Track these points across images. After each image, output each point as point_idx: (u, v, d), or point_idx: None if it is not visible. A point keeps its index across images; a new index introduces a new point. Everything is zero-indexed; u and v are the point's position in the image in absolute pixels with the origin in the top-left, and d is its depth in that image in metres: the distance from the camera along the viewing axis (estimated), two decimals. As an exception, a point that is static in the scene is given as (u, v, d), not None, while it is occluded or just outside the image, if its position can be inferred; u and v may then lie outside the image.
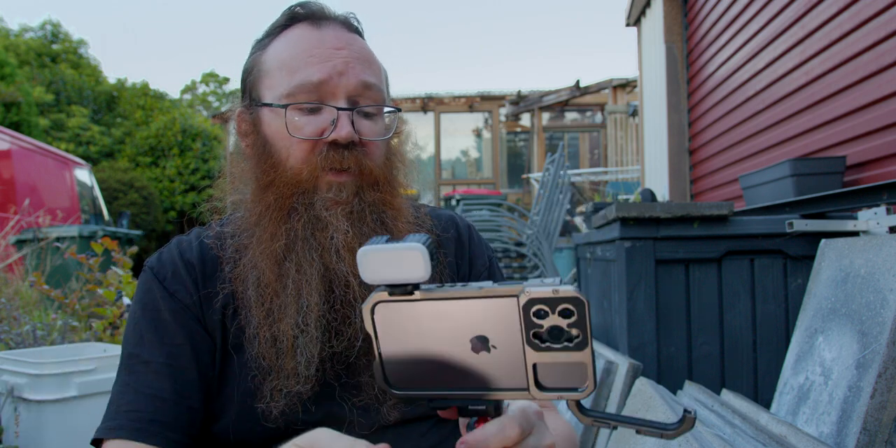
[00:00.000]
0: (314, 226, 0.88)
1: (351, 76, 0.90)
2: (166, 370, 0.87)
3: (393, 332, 0.55)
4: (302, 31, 0.93)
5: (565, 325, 0.51)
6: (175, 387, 0.86)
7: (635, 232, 2.30)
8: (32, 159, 8.10)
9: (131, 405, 0.85)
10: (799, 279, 2.29)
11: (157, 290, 0.91)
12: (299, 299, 0.86)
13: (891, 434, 1.45)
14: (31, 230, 5.89)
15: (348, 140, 0.88)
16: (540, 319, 0.51)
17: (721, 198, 4.54)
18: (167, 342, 0.88)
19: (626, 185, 8.55)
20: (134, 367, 0.88)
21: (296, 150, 0.90)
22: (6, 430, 2.00)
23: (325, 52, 0.90)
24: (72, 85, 16.66)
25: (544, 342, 0.52)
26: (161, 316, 0.90)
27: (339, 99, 0.89)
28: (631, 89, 10.89)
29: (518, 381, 0.53)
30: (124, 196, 13.15)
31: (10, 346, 2.63)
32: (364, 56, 0.93)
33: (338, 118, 0.88)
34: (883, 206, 2.10)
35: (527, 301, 0.51)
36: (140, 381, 0.86)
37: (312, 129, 0.89)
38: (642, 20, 6.39)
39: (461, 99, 13.48)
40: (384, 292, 0.54)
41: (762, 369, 2.28)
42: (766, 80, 3.78)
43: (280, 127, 0.90)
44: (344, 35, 0.93)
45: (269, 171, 0.90)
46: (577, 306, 0.50)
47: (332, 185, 0.89)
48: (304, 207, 0.89)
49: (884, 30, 2.65)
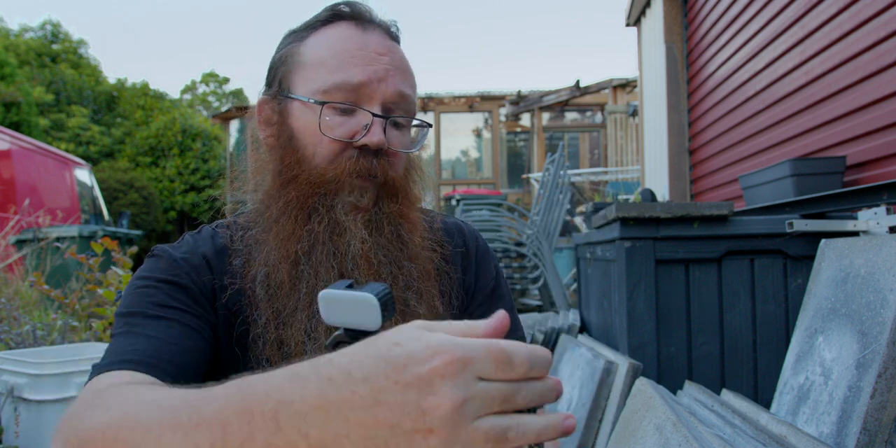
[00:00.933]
0: (333, 230, 0.87)
1: (390, 84, 0.89)
2: (174, 324, 0.80)
3: None
4: (346, 30, 0.91)
5: None
6: (184, 337, 0.80)
7: (635, 232, 2.30)
8: (32, 159, 8.10)
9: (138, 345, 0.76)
10: (799, 279, 2.29)
11: (167, 267, 0.86)
12: (311, 304, 0.84)
13: (891, 434, 1.45)
14: (31, 230, 5.89)
15: (379, 147, 0.87)
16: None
17: (721, 198, 4.54)
18: (173, 306, 0.82)
19: (626, 185, 8.55)
20: (137, 321, 0.80)
21: (323, 149, 0.88)
22: (6, 430, 2.00)
23: (369, 56, 0.89)
24: (72, 85, 16.66)
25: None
26: (168, 287, 0.84)
27: (374, 104, 0.88)
28: (631, 89, 10.89)
29: None
30: (124, 196, 13.15)
31: (10, 346, 2.63)
32: (404, 66, 0.93)
33: (371, 123, 0.87)
34: (883, 206, 2.10)
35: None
36: (149, 329, 0.79)
37: (344, 130, 0.88)
38: (642, 20, 6.39)
39: (461, 99, 13.48)
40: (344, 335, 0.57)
41: (762, 369, 2.28)
42: (766, 80, 3.78)
43: (310, 123, 0.88)
44: (387, 42, 0.92)
45: (294, 167, 0.88)
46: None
47: (355, 189, 0.88)
48: (325, 209, 0.87)
49: (884, 30, 2.65)
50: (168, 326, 0.80)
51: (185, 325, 0.82)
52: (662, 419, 1.60)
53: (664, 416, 1.60)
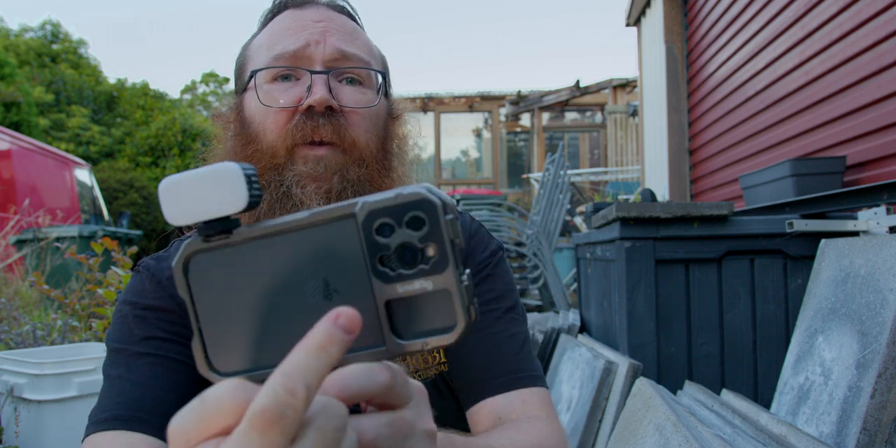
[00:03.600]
0: (282, 204, 0.80)
1: (328, 43, 0.84)
2: (161, 361, 0.79)
3: (214, 296, 0.41)
4: (286, 13, 0.89)
5: (417, 241, 0.38)
6: (172, 377, 0.78)
7: (635, 232, 2.30)
8: (32, 159, 8.10)
9: (124, 395, 0.77)
10: (799, 279, 2.29)
11: (152, 290, 0.85)
12: None
13: (891, 434, 1.45)
14: (31, 230, 5.89)
15: (324, 105, 0.80)
16: (386, 238, 0.38)
17: (721, 198, 4.54)
18: (160, 337, 0.81)
19: (626, 185, 8.55)
20: (123, 360, 0.80)
21: (271, 123, 0.83)
22: (6, 430, 2.00)
23: (303, 24, 0.85)
24: (72, 85, 16.66)
25: (395, 269, 0.38)
26: (154, 314, 0.83)
27: (315, 66, 0.83)
28: (631, 89, 10.90)
29: (371, 333, 0.39)
30: (124, 196, 13.15)
31: (10, 346, 2.63)
32: (345, 29, 0.88)
33: (312, 83, 0.81)
34: (883, 206, 2.10)
35: (366, 215, 0.38)
36: (133, 371, 0.78)
37: (288, 97, 0.82)
38: (642, 20, 6.39)
39: (461, 99, 13.48)
40: (198, 241, 0.41)
41: (762, 369, 2.28)
42: (766, 80, 3.78)
43: (256, 101, 0.84)
44: (327, 12, 0.88)
45: (245, 147, 0.84)
46: (427, 211, 0.38)
47: (310, 159, 0.81)
48: (274, 184, 0.81)
49: (884, 30, 2.65)
50: (156, 366, 0.79)
51: (174, 360, 0.80)
52: (662, 419, 1.60)
53: (664, 416, 1.60)
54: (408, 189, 0.38)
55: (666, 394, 1.86)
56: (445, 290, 0.38)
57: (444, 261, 0.38)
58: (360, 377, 0.38)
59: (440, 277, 0.38)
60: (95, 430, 0.75)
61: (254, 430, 0.32)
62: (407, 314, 0.39)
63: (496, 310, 0.91)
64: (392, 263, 0.38)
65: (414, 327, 0.39)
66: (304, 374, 0.33)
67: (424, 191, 0.38)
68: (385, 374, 0.39)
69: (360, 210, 0.38)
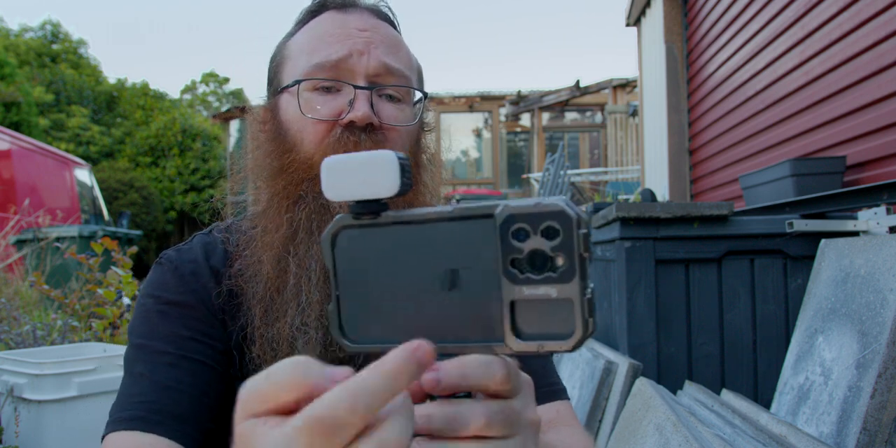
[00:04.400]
0: (321, 216, 0.81)
1: (373, 56, 0.83)
2: (182, 362, 0.80)
3: (354, 270, 0.45)
4: (328, 16, 0.88)
5: (549, 249, 0.40)
6: (192, 380, 0.79)
7: (635, 232, 2.30)
8: (32, 159, 8.10)
9: (144, 396, 0.78)
10: (799, 279, 2.29)
11: (175, 284, 0.85)
12: (299, 296, 0.79)
13: (891, 434, 1.45)
14: (31, 230, 5.89)
15: (365, 121, 0.81)
16: (520, 242, 0.41)
17: (721, 198, 4.54)
18: (183, 335, 0.82)
19: (626, 185, 8.55)
20: (146, 357, 0.80)
21: (310, 133, 0.83)
22: (6, 430, 2.00)
23: (347, 32, 0.84)
24: (72, 85, 16.66)
25: (524, 273, 0.41)
26: (176, 310, 0.83)
27: (358, 79, 0.83)
28: (631, 89, 10.90)
29: (492, 328, 0.42)
30: (124, 196, 13.15)
31: (10, 346, 2.63)
32: (389, 40, 0.87)
33: (355, 98, 0.82)
34: (883, 206, 2.10)
35: (505, 218, 0.41)
36: (154, 371, 0.79)
37: (328, 110, 0.82)
38: (642, 20, 6.39)
39: (461, 99, 13.49)
40: (349, 217, 0.45)
41: (762, 369, 2.28)
42: (766, 80, 3.78)
43: (295, 109, 0.84)
44: (371, 20, 0.87)
45: (282, 156, 0.84)
46: (562, 223, 0.40)
47: None
48: (312, 195, 0.82)
49: (884, 30, 2.65)
50: (177, 367, 0.79)
51: (191, 360, 0.81)
52: (662, 419, 1.60)
53: (664, 417, 1.60)
54: (547, 199, 0.40)
55: (666, 394, 1.86)
56: (569, 299, 0.40)
57: (571, 271, 0.40)
58: (480, 368, 0.41)
59: (566, 287, 0.40)
60: (115, 428, 0.76)
61: (304, 434, 0.33)
62: (528, 316, 0.41)
63: None
64: (522, 266, 0.41)
65: (533, 329, 0.41)
66: (370, 396, 0.34)
67: (563, 204, 0.40)
68: (502, 368, 0.42)
69: (500, 212, 0.41)
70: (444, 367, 0.41)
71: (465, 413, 0.41)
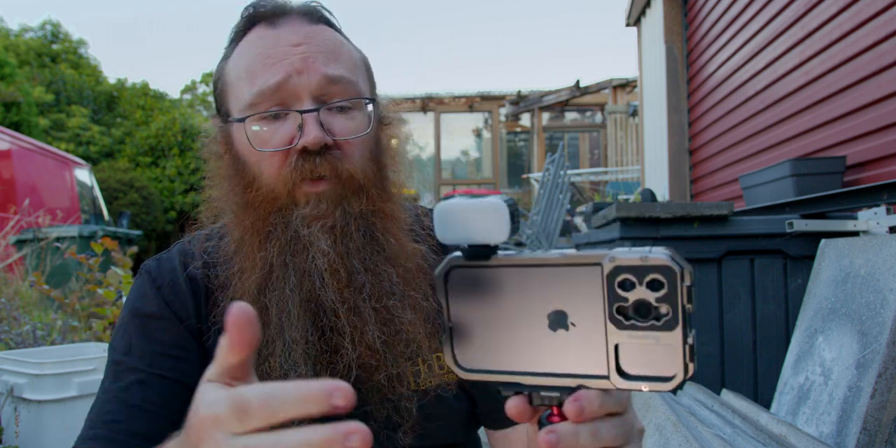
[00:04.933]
0: (293, 248, 0.80)
1: (312, 73, 0.80)
2: (153, 380, 0.81)
3: (465, 304, 0.50)
4: (258, 33, 0.83)
5: (653, 300, 0.44)
6: (161, 399, 0.80)
7: (635, 232, 2.30)
8: (32, 159, 8.10)
9: (112, 414, 0.79)
10: (799, 279, 2.29)
11: (153, 296, 0.85)
12: (283, 334, 0.78)
13: (891, 434, 1.45)
14: (31, 230, 5.89)
15: (319, 144, 0.78)
16: (625, 292, 0.44)
17: (721, 198, 4.54)
18: (157, 351, 0.82)
19: (626, 185, 8.56)
20: (119, 374, 0.82)
21: (266, 165, 0.81)
22: (6, 430, 2.00)
23: (281, 52, 0.80)
24: (72, 85, 16.67)
25: (629, 319, 0.45)
26: (152, 323, 0.83)
27: (303, 100, 0.80)
28: (631, 89, 10.90)
29: (598, 365, 0.46)
30: (124, 196, 13.15)
31: (10, 346, 2.63)
32: (327, 48, 0.82)
33: (303, 122, 0.79)
34: (883, 206, 2.10)
35: (612, 269, 0.44)
36: (124, 389, 0.80)
37: (279, 139, 0.80)
38: (642, 20, 6.39)
39: (461, 99, 13.49)
40: (459, 257, 0.49)
41: (762, 369, 2.28)
42: (766, 80, 3.78)
43: (246, 143, 0.81)
44: (302, 28, 0.83)
45: (244, 192, 0.82)
46: (667, 277, 0.43)
47: (310, 198, 0.80)
48: (281, 228, 0.80)
49: (884, 30, 2.65)
50: (148, 386, 0.80)
51: (163, 378, 0.81)
52: (662, 419, 1.60)
53: (664, 416, 1.60)
54: (654, 253, 0.43)
55: (666, 394, 1.86)
56: (671, 345, 0.44)
57: (675, 321, 0.43)
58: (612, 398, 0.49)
59: (669, 335, 0.44)
60: (83, 445, 0.78)
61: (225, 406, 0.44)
62: (632, 358, 0.45)
63: None
64: (627, 313, 0.45)
65: (636, 370, 0.46)
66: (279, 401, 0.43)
67: (668, 259, 0.43)
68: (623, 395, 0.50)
69: (607, 262, 0.44)
70: (585, 397, 0.47)
71: (602, 429, 0.48)
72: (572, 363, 0.47)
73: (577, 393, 0.47)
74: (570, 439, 0.47)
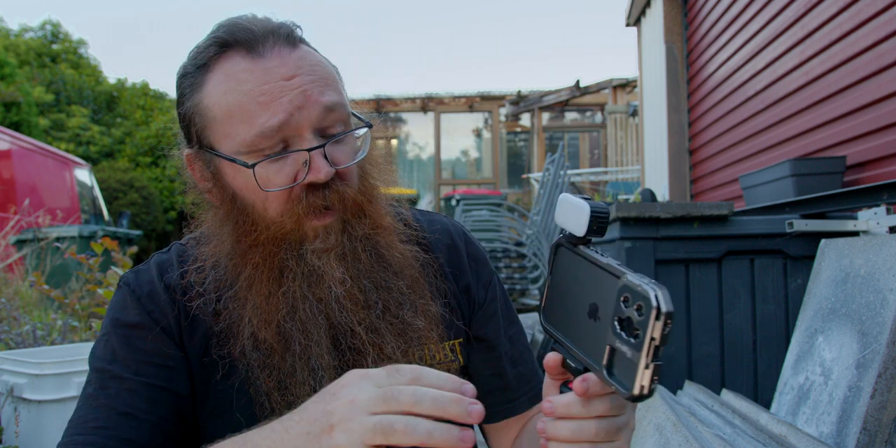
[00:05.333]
0: (310, 280, 0.82)
1: (311, 106, 0.79)
2: (140, 388, 0.80)
3: (559, 274, 0.65)
4: (239, 64, 0.80)
5: (635, 322, 0.52)
6: (149, 406, 0.80)
7: (635, 232, 2.30)
8: (32, 159, 8.10)
9: (101, 421, 0.78)
10: (799, 279, 2.29)
11: (133, 307, 0.85)
12: (310, 362, 0.80)
13: (891, 434, 1.45)
14: (31, 230, 5.89)
15: (328, 179, 0.79)
16: (625, 307, 0.53)
17: (721, 198, 4.54)
18: (140, 360, 0.82)
19: (626, 185, 8.55)
20: (104, 382, 0.81)
21: (273, 203, 0.81)
22: (6, 430, 2.00)
23: (276, 88, 0.78)
24: (72, 85, 16.66)
25: (620, 329, 0.54)
26: (135, 333, 0.84)
27: (306, 135, 0.79)
28: (631, 89, 10.90)
29: (600, 357, 0.57)
30: (124, 196, 13.15)
31: (10, 346, 2.63)
32: (318, 75, 0.81)
33: (310, 159, 0.79)
34: (883, 206, 2.10)
35: (621, 286, 0.54)
36: (111, 396, 0.80)
37: (284, 177, 0.80)
38: (642, 20, 6.39)
39: (461, 99, 13.49)
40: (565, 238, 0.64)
41: (762, 369, 2.28)
42: (766, 80, 3.78)
43: (248, 182, 0.81)
44: (289, 57, 0.80)
45: (251, 232, 0.82)
46: (646, 307, 0.50)
47: (319, 231, 0.82)
48: (294, 261, 0.82)
49: (884, 30, 2.65)
50: (134, 394, 0.80)
51: (150, 386, 0.81)
52: (662, 419, 1.60)
53: (664, 416, 1.60)
54: (649, 285, 0.51)
55: (666, 394, 1.86)
56: (634, 363, 0.52)
57: (640, 346, 0.51)
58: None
59: (636, 354, 0.52)
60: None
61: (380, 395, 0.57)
62: (618, 361, 0.55)
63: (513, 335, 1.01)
64: (622, 324, 0.54)
65: (616, 372, 0.55)
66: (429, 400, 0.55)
67: (652, 293, 0.50)
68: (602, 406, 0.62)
69: (622, 279, 0.54)
70: (591, 378, 0.59)
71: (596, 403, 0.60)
72: (590, 348, 0.58)
73: (584, 375, 0.59)
74: (563, 408, 0.61)
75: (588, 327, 0.59)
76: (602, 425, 0.60)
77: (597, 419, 0.60)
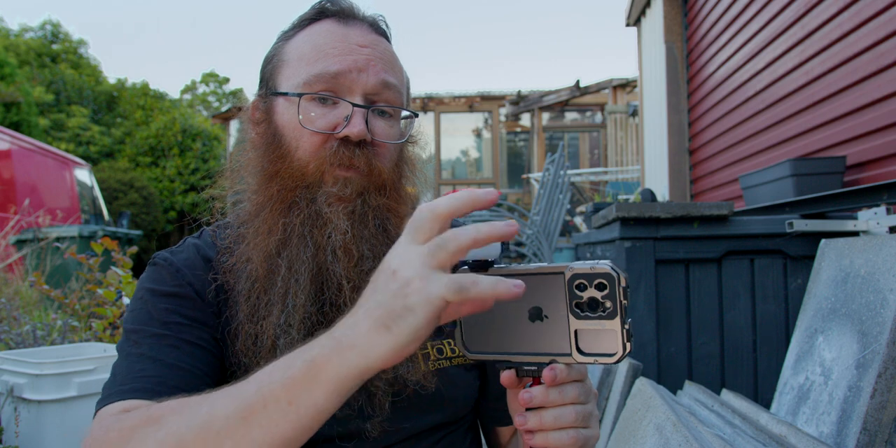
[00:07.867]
0: (313, 222, 0.85)
1: (371, 74, 0.87)
2: (181, 345, 0.81)
3: None
4: (328, 25, 0.91)
5: (600, 297, 0.59)
6: (192, 361, 0.81)
7: (635, 232, 2.30)
8: (32, 159, 8.10)
9: (147, 371, 0.78)
10: (799, 279, 2.29)
11: (169, 278, 0.87)
12: (286, 298, 0.82)
13: (891, 434, 1.45)
14: (31, 230, 5.89)
15: (360, 138, 0.85)
16: (581, 292, 0.60)
17: (721, 198, 4.54)
18: (178, 322, 0.83)
19: (626, 185, 8.55)
20: (144, 339, 0.81)
21: (305, 143, 0.87)
22: (6, 430, 1.99)
23: (349, 47, 0.88)
24: (72, 85, 16.66)
25: (584, 311, 0.61)
26: (171, 299, 0.85)
27: (355, 95, 0.87)
28: (631, 89, 10.89)
29: (563, 346, 0.63)
30: (124, 196, 13.15)
31: (10, 346, 2.63)
32: (387, 57, 0.91)
33: (352, 114, 0.86)
34: (883, 206, 2.10)
35: (570, 276, 0.61)
36: (154, 349, 0.80)
37: (325, 122, 0.86)
38: (642, 20, 6.39)
39: (461, 99, 13.48)
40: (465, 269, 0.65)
41: (762, 369, 2.28)
42: (766, 80, 3.78)
43: (292, 117, 0.87)
44: (370, 35, 0.91)
45: (276, 162, 0.88)
46: (609, 281, 0.59)
47: (339, 180, 0.86)
48: (306, 202, 0.86)
49: (884, 30, 2.65)
50: (177, 349, 0.81)
51: (191, 343, 0.82)
52: (662, 419, 1.60)
53: (664, 417, 1.60)
54: (600, 264, 0.60)
55: (666, 394, 1.86)
56: (613, 330, 0.60)
57: (615, 312, 0.60)
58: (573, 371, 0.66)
59: (611, 322, 0.60)
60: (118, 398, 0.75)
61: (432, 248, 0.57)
62: (587, 340, 0.62)
63: None
64: (582, 308, 0.61)
65: (590, 349, 0.62)
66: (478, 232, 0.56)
67: (610, 268, 0.59)
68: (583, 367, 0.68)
69: (568, 271, 0.61)
70: (557, 368, 0.63)
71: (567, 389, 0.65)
72: (546, 345, 0.64)
73: (551, 365, 0.64)
74: (541, 397, 0.64)
75: (535, 329, 0.64)
76: (578, 410, 0.65)
77: (573, 405, 0.65)
